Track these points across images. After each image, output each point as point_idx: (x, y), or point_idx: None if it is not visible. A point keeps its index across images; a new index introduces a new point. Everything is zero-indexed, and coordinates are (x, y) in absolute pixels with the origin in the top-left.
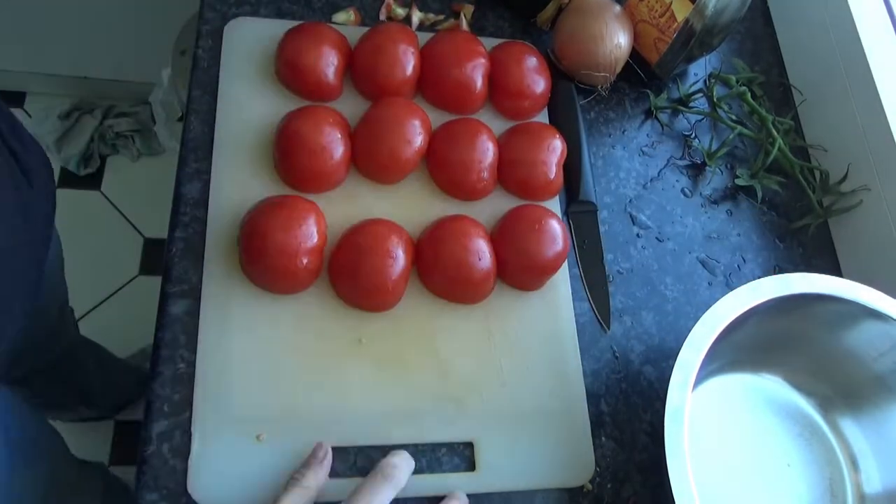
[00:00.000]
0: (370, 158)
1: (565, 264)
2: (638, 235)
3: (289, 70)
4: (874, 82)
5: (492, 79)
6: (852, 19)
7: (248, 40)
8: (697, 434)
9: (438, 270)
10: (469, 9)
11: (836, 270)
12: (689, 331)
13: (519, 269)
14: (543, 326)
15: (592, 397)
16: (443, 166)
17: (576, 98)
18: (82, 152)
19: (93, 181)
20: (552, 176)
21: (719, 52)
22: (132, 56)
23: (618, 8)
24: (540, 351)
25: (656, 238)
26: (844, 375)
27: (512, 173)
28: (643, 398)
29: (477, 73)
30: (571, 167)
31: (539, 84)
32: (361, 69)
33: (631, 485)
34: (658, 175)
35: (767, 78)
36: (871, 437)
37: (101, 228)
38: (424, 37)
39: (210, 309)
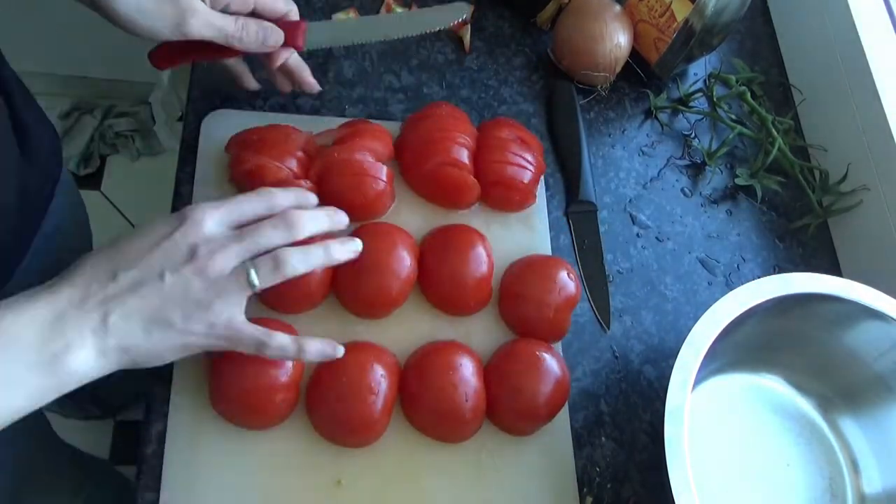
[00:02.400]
0: (354, 296)
1: (566, 408)
2: (638, 235)
3: (245, 181)
4: (874, 82)
5: (476, 168)
6: (852, 19)
7: (223, 136)
8: (697, 434)
9: (423, 406)
10: (469, 9)
11: (835, 270)
12: (689, 330)
13: (511, 412)
14: (541, 467)
15: (592, 397)
16: (435, 284)
17: (575, 98)
18: (82, 152)
19: (93, 181)
20: (558, 320)
21: (719, 52)
22: (132, 56)
23: (618, 8)
24: (538, 497)
25: (656, 238)
26: (844, 375)
27: (514, 308)
28: (643, 398)
29: (463, 156)
30: (571, 167)
31: (525, 174)
32: (330, 193)
33: (631, 485)
34: (658, 175)
35: (767, 78)
36: (871, 438)
37: (101, 228)
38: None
39: (175, 449)
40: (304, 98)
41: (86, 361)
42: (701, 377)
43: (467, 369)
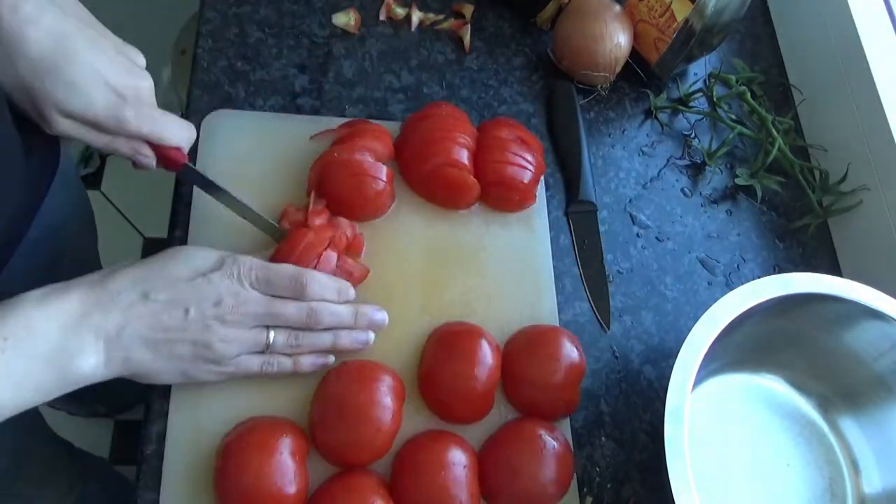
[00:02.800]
0: (332, 451)
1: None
2: (638, 235)
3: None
4: (874, 82)
5: (476, 167)
6: (852, 19)
7: (223, 136)
8: (697, 434)
9: None
10: (469, 9)
11: (835, 270)
12: (689, 330)
13: (509, 498)
14: None
15: (592, 397)
16: (434, 390)
17: (575, 98)
18: (82, 152)
19: (93, 181)
20: (565, 398)
21: (719, 52)
22: None
23: (617, 8)
24: None
25: (656, 238)
26: (844, 375)
27: (517, 390)
28: (643, 398)
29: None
30: (571, 167)
31: (525, 174)
32: (330, 193)
33: (631, 485)
34: (658, 175)
35: (767, 78)
36: (871, 437)
37: (101, 228)
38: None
39: (175, 449)
40: (304, 98)
41: (93, 366)
42: (701, 377)
43: (459, 468)
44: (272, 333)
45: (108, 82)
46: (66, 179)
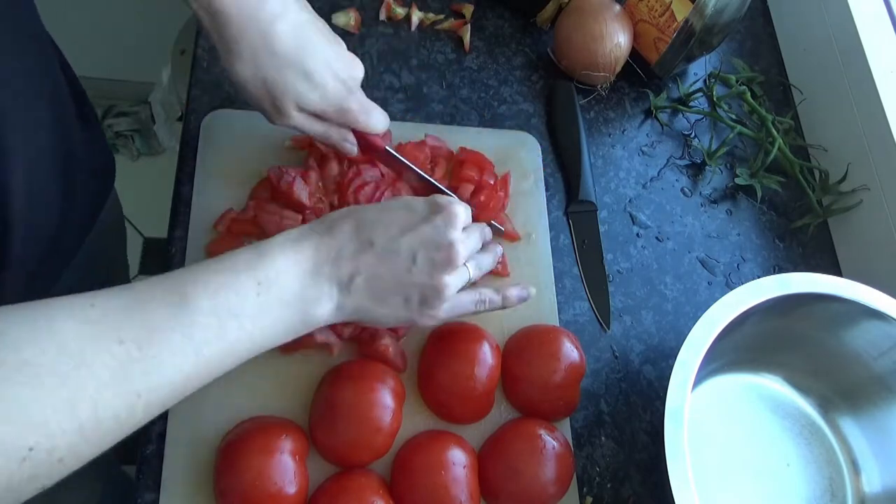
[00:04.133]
0: (332, 451)
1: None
2: (638, 235)
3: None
4: (874, 82)
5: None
6: (852, 19)
7: (223, 135)
8: (697, 434)
9: None
10: (469, 8)
11: (835, 270)
12: (689, 330)
13: (509, 498)
14: None
15: (592, 397)
16: (434, 390)
17: (575, 98)
18: None
19: None
20: (565, 397)
21: (719, 52)
22: (132, 55)
23: (617, 8)
24: None
25: (656, 238)
26: (844, 375)
27: (517, 390)
28: (643, 398)
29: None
30: (571, 167)
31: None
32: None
33: (630, 484)
34: (658, 175)
35: (767, 77)
36: (871, 438)
37: None
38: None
39: (175, 449)
40: None
41: (327, 311)
42: (701, 377)
43: (459, 468)
44: (470, 266)
45: (337, 74)
46: None
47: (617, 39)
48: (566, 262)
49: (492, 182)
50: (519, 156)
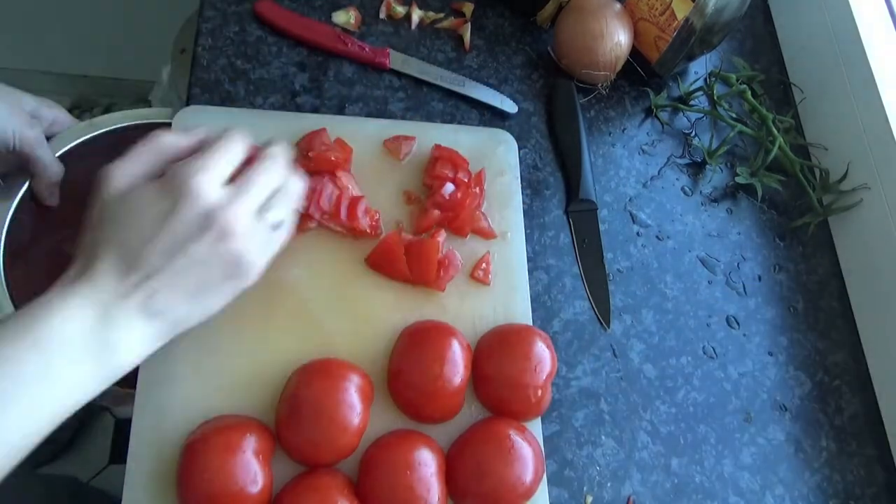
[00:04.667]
0: (298, 450)
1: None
2: (638, 234)
3: None
4: (874, 80)
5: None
6: (853, 17)
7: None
8: None
9: None
10: (469, 7)
11: (836, 268)
12: (689, 329)
13: (476, 498)
14: None
15: (592, 396)
16: (403, 388)
17: (576, 97)
18: None
19: None
20: (537, 398)
21: (719, 51)
22: (132, 54)
23: (618, 6)
24: None
25: (656, 236)
26: None
27: (488, 390)
28: (643, 396)
29: None
30: (571, 166)
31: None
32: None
33: (630, 484)
34: (658, 173)
35: (768, 76)
36: None
37: None
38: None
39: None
40: (303, 97)
41: (137, 346)
42: None
43: (427, 468)
44: (271, 213)
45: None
46: None
47: (617, 38)
48: (566, 262)
49: (466, 180)
50: (496, 153)
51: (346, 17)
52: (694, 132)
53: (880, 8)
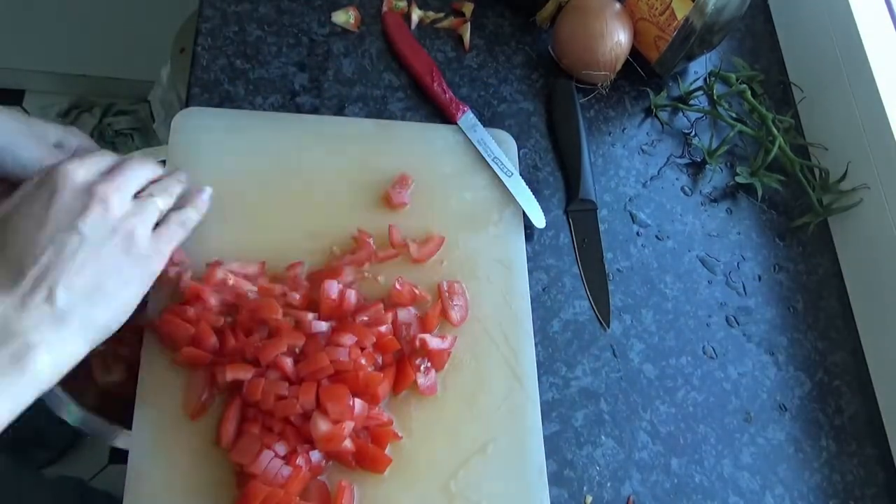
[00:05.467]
0: None
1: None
2: (638, 234)
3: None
4: (874, 80)
5: None
6: (853, 17)
7: (193, 134)
8: None
9: None
10: (469, 6)
11: (836, 268)
12: (689, 330)
13: None
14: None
15: (592, 396)
16: None
17: (576, 96)
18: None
19: None
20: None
21: (719, 51)
22: (131, 54)
23: (617, 6)
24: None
25: (656, 236)
26: None
27: None
28: (643, 397)
29: None
30: (571, 165)
31: None
32: None
33: (630, 484)
34: (658, 173)
35: (767, 76)
36: None
37: None
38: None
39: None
40: (303, 97)
41: (51, 356)
42: None
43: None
44: (155, 199)
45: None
46: None
47: (617, 38)
48: (566, 261)
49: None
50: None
51: (345, 17)
52: (694, 132)
53: (880, 8)
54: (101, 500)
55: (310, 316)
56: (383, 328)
